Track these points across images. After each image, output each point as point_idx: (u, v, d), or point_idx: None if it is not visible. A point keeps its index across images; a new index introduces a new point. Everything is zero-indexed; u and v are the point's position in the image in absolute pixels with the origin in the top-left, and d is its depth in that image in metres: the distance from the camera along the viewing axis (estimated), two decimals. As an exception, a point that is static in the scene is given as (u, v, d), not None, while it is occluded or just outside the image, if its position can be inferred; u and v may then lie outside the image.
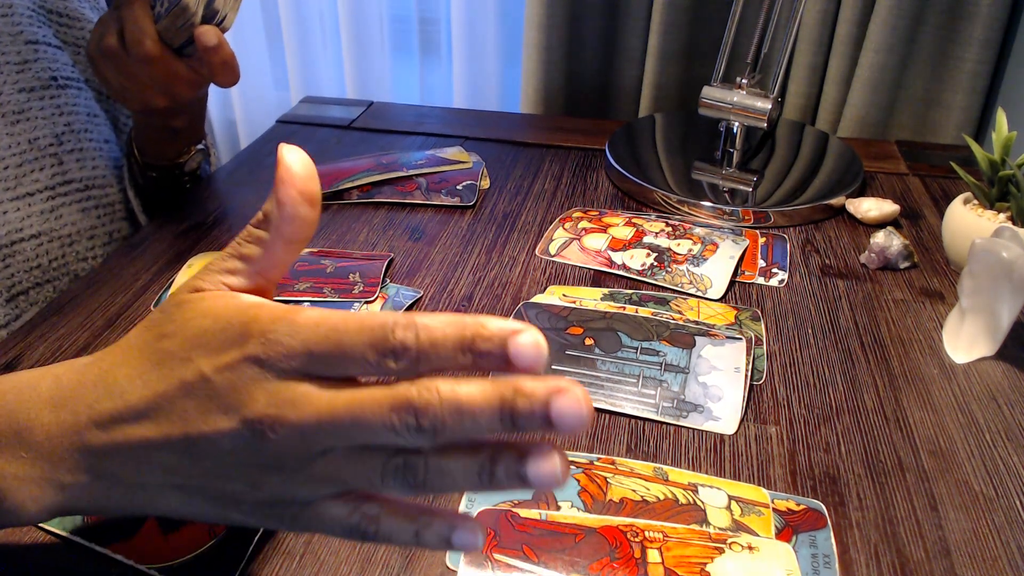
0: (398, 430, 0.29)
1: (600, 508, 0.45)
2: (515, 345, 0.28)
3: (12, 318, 0.66)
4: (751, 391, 0.55)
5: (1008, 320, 0.57)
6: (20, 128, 0.68)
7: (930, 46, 0.99)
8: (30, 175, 0.68)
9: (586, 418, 0.28)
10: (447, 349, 0.29)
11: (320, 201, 0.36)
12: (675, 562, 0.42)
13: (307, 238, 0.36)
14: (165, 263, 0.69)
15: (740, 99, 0.83)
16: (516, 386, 0.28)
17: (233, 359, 0.31)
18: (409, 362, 0.29)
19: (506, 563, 0.42)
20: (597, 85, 1.13)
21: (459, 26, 1.23)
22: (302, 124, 0.98)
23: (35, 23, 0.71)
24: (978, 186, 0.68)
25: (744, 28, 0.94)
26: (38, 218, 0.68)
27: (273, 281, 0.37)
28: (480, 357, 0.29)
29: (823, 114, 1.05)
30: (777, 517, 0.46)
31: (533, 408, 0.28)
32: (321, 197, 0.44)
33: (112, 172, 0.75)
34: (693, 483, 0.47)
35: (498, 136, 0.95)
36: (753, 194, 0.81)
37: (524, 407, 0.28)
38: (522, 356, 0.28)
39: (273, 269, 0.36)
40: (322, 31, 1.34)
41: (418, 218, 0.77)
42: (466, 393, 0.29)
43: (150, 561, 0.43)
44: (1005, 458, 0.50)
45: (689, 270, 0.68)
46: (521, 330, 0.28)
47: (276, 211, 0.35)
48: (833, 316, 0.64)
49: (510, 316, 0.62)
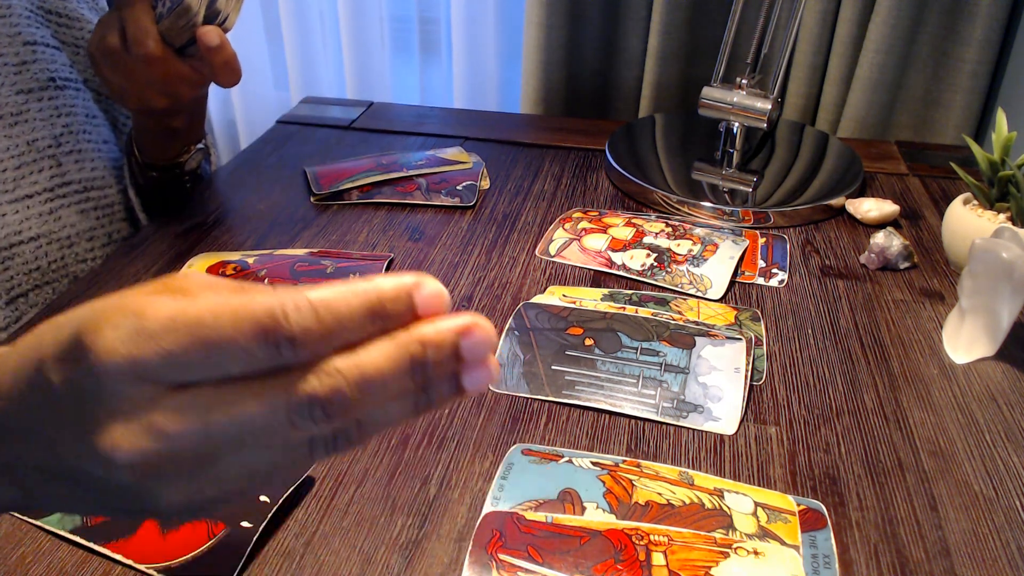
0: (304, 426, 0.26)
1: (625, 510, 0.45)
2: (421, 297, 0.26)
3: (12, 320, 0.66)
4: (751, 391, 0.55)
5: (1008, 320, 0.57)
6: (18, 130, 0.68)
7: (930, 46, 0.99)
8: (29, 177, 0.68)
9: (493, 342, 0.26)
10: (355, 323, 0.26)
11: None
12: (680, 565, 0.42)
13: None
14: (165, 263, 0.69)
15: (740, 99, 0.83)
16: (420, 337, 0.26)
17: (72, 372, 0.26)
18: (311, 348, 0.25)
19: (511, 564, 0.42)
20: (597, 85, 1.13)
21: (459, 26, 1.23)
22: (302, 124, 0.98)
23: (33, 24, 0.71)
24: (978, 186, 0.68)
25: (744, 28, 0.94)
26: (37, 220, 0.68)
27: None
28: (388, 320, 0.26)
29: (823, 114, 1.05)
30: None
31: (443, 357, 0.26)
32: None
33: (111, 173, 0.75)
34: (719, 488, 0.47)
35: (498, 136, 0.95)
36: (753, 194, 0.81)
37: (435, 357, 0.26)
38: (430, 306, 0.27)
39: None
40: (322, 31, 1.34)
41: (418, 218, 0.77)
42: (372, 365, 0.26)
43: (150, 561, 0.43)
44: (1005, 458, 0.50)
45: (689, 270, 0.68)
46: (421, 281, 0.27)
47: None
48: (833, 316, 0.64)
49: (510, 316, 0.62)
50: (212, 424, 0.26)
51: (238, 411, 0.26)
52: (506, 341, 0.59)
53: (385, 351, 0.26)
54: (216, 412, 0.26)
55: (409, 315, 0.26)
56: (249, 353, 0.25)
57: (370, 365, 0.26)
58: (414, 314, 0.26)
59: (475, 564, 0.42)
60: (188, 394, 0.26)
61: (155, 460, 0.26)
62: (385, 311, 0.26)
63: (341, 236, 0.74)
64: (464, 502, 0.47)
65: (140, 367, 0.25)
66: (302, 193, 0.81)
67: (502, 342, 0.59)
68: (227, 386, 0.26)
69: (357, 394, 0.26)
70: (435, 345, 0.26)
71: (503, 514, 0.45)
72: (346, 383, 0.26)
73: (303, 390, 0.25)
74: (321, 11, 1.32)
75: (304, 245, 0.72)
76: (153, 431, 0.26)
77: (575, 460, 0.49)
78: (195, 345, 0.25)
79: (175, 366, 0.25)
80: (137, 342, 0.25)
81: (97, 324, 0.26)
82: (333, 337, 0.26)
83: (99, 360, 0.25)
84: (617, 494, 0.46)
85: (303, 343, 0.25)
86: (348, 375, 0.26)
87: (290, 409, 0.25)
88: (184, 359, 0.25)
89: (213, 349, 0.25)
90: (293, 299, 0.25)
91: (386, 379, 0.26)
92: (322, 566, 0.43)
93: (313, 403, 0.25)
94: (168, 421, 0.26)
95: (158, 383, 0.26)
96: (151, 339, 0.25)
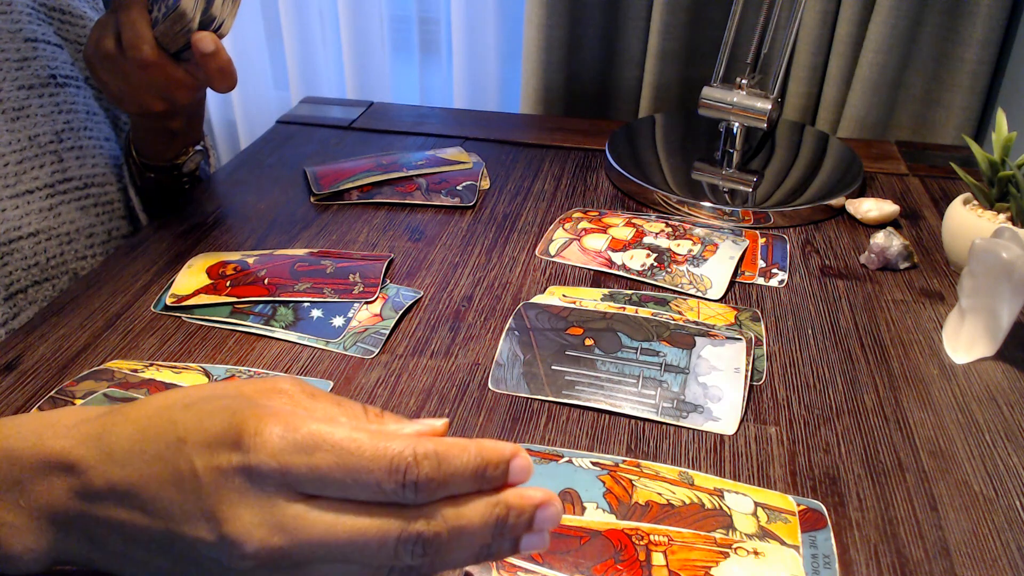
0: (404, 558, 0.30)
1: (625, 510, 0.45)
2: (515, 465, 0.32)
3: (10, 316, 0.66)
4: (751, 391, 0.55)
5: (1008, 320, 0.57)
6: (20, 125, 0.68)
7: (930, 46, 0.99)
8: (30, 172, 0.68)
9: (560, 518, 0.32)
10: (464, 479, 0.31)
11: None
12: (680, 565, 0.42)
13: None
14: (165, 263, 0.69)
15: (740, 99, 0.83)
16: (508, 502, 0.31)
17: (224, 462, 0.30)
18: (428, 494, 0.30)
19: (511, 564, 0.42)
20: (597, 85, 1.13)
21: (459, 26, 1.23)
22: (302, 124, 0.98)
23: (35, 20, 0.71)
24: (978, 186, 0.68)
25: (744, 28, 0.94)
26: (37, 216, 0.68)
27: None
28: (487, 482, 0.31)
29: (823, 114, 1.05)
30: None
31: (520, 522, 0.32)
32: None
33: (111, 170, 0.75)
34: (719, 488, 0.47)
35: (498, 136, 0.95)
36: (753, 194, 0.81)
37: (514, 521, 0.31)
38: (518, 476, 0.32)
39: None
40: (322, 31, 1.34)
41: (418, 218, 0.77)
42: (468, 519, 0.31)
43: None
44: (1005, 458, 0.50)
45: (689, 270, 0.68)
46: (518, 452, 0.32)
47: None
48: (833, 317, 0.64)
49: (510, 316, 0.62)
50: (333, 536, 0.30)
51: (358, 532, 0.30)
52: (506, 341, 0.59)
53: (480, 508, 0.31)
54: (339, 527, 0.30)
55: (502, 480, 0.32)
56: (379, 486, 0.30)
57: (466, 518, 0.31)
58: (505, 480, 0.32)
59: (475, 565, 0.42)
60: (316, 504, 0.30)
61: (277, 555, 0.30)
62: (486, 474, 0.31)
63: (341, 236, 0.74)
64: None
65: (290, 476, 0.30)
66: (302, 193, 0.82)
67: (502, 342, 0.59)
68: (350, 506, 0.30)
69: (451, 540, 0.31)
70: (518, 511, 0.31)
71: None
72: (447, 529, 0.30)
73: (415, 528, 0.30)
74: (321, 11, 1.32)
75: (304, 245, 0.72)
76: (285, 531, 0.30)
77: (575, 460, 0.49)
78: (339, 470, 0.30)
79: (317, 482, 0.30)
80: (292, 454, 0.30)
81: (258, 427, 0.30)
82: (447, 488, 0.31)
83: (258, 460, 0.30)
84: (617, 494, 0.46)
85: (424, 489, 0.30)
86: (450, 523, 0.30)
87: (400, 540, 0.30)
88: (326, 478, 0.30)
89: (352, 475, 0.30)
90: (424, 448, 0.30)
91: (475, 531, 0.31)
92: (322, 566, 0.43)
93: (418, 540, 0.30)
94: (300, 525, 0.30)
95: (295, 491, 0.30)
96: (304, 454, 0.30)
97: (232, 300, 0.62)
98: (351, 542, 0.30)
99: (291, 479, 0.30)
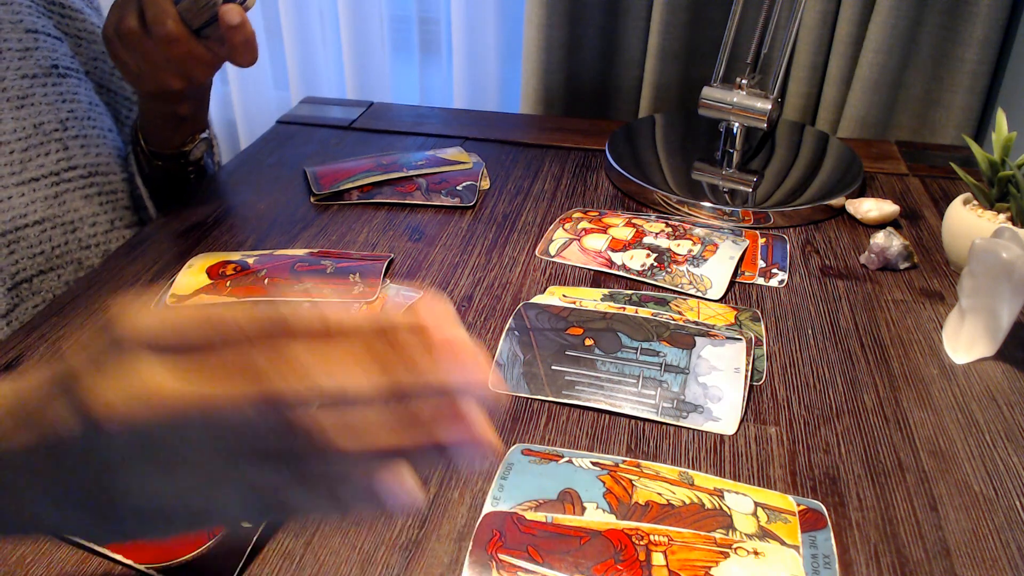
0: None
1: (625, 510, 0.45)
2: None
3: (11, 307, 0.66)
4: (751, 391, 0.55)
5: (1008, 320, 0.57)
6: (25, 113, 0.68)
7: (930, 46, 0.99)
8: (35, 160, 0.68)
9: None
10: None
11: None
12: (679, 566, 0.42)
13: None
14: (165, 263, 0.69)
15: (740, 99, 0.83)
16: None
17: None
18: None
19: (511, 564, 0.42)
20: (597, 85, 1.13)
21: (459, 26, 1.23)
22: (302, 124, 0.98)
23: (35, 13, 0.72)
24: (978, 186, 0.68)
25: (744, 28, 0.94)
26: (42, 203, 0.68)
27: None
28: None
29: (823, 114, 1.05)
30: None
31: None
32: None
33: (116, 160, 0.76)
34: (719, 488, 0.47)
35: (498, 136, 0.95)
36: (753, 195, 0.81)
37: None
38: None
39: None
40: (322, 31, 1.34)
41: (418, 218, 0.77)
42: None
43: (149, 561, 0.43)
44: (1005, 458, 0.50)
45: (689, 270, 0.68)
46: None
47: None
48: (833, 317, 0.64)
49: (510, 316, 0.62)
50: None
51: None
52: (506, 341, 0.59)
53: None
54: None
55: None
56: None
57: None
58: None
59: (475, 564, 0.42)
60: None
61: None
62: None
63: (341, 236, 0.74)
64: (464, 502, 0.47)
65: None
66: (302, 193, 0.82)
67: (502, 342, 0.59)
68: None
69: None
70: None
71: (503, 514, 0.45)
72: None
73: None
74: (321, 11, 1.32)
75: (304, 245, 0.72)
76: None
77: (575, 460, 0.49)
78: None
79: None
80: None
81: None
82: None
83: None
84: (617, 494, 0.46)
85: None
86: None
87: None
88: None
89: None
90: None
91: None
92: (322, 566, 0.43)
93: None
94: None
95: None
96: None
97: (232, 300, 0.62)
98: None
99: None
